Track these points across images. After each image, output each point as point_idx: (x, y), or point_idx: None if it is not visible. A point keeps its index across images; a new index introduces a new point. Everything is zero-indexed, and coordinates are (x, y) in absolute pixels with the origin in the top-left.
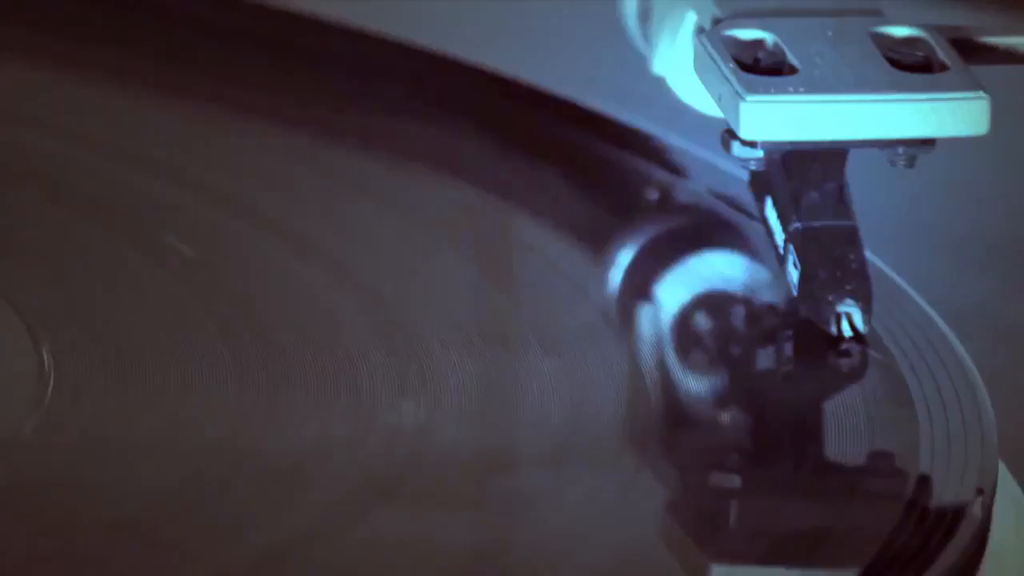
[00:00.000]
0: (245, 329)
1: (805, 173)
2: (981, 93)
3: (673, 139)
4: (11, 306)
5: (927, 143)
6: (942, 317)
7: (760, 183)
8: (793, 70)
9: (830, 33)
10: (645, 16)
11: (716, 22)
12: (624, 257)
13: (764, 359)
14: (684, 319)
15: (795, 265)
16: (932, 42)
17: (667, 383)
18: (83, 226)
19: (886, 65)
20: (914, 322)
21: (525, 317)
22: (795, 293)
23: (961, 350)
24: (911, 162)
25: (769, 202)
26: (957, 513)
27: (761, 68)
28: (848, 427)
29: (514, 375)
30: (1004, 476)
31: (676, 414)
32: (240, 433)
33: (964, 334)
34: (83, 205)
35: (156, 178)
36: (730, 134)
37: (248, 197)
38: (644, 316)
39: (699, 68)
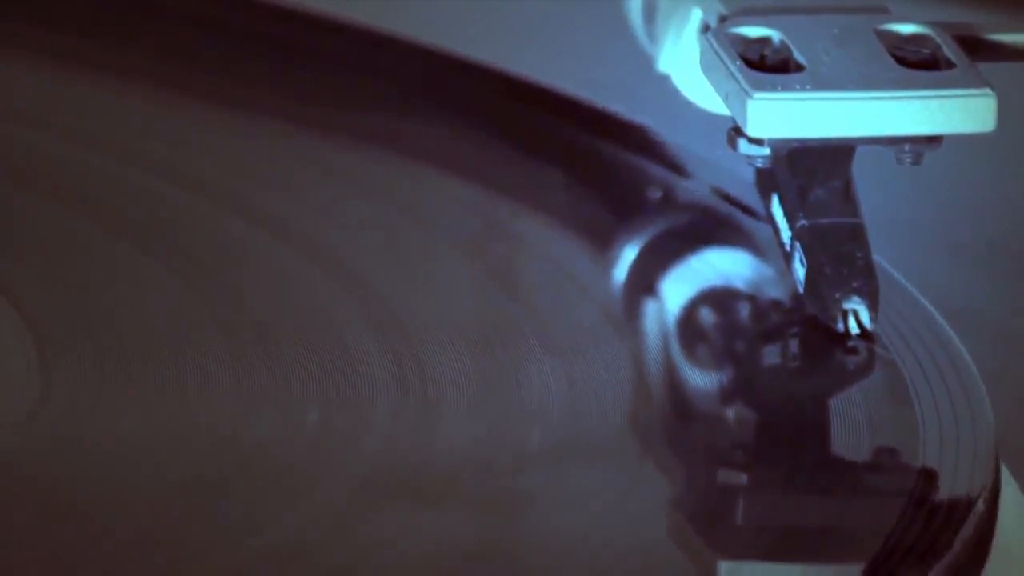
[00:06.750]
0: (245, 329)
1: (812, 170)
2: (988, 90)
3: (676, 137)
4: (11, 305)
5: (934, 140)
6: (942, 316)
7: (766, 180)
8: (799, 67)
9: (836, 31)
10: (650, 14)
11: (722, 20)
12: (627, 255)
13: (768, 356)
14: (686, 317)
15: (801, 262)
16: (938, 39)
17: (670, 381)
18: (83, 226)
19: (892, 62)
20: (914, 321)
21: (527, 316)
22: (801, 290)
23: (962, 350)
24: (918, 159)
25: (775, 199)
26: (961, 509)
27: (767, 66)
28: (850, 423)
29: (515, 374)
30: (1004, 476)
31: (679, 412)
32: (240, 433)
33: (964, 334)
34: (83, 205)
35: (156, 177)
36: (737, 132)
37: (248, 196)
38: (647, 314)
39: (705, 66)
